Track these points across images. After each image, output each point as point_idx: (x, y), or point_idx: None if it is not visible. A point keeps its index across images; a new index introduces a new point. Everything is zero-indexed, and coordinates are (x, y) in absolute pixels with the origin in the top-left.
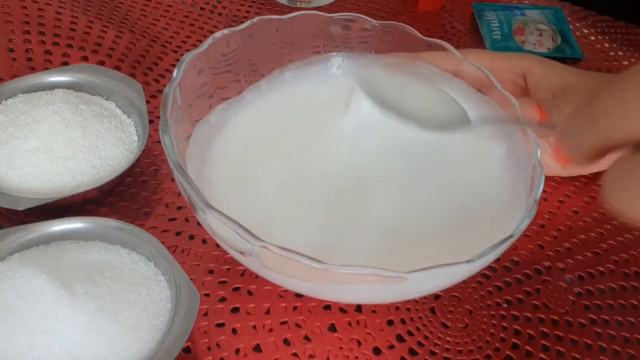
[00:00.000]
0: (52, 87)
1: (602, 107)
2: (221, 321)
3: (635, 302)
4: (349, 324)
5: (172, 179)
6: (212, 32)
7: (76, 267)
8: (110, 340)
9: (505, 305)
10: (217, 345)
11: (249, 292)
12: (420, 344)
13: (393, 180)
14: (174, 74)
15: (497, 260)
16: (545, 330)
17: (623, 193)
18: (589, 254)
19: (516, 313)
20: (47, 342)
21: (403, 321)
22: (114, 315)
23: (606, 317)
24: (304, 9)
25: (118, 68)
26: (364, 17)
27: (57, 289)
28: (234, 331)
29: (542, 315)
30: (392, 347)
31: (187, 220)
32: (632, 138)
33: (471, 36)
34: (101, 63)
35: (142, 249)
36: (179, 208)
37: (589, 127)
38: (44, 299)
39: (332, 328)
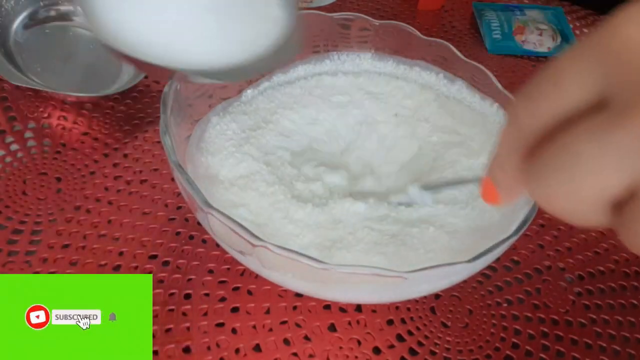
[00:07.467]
0: None
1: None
2: (221, 321)
3: (635, 302)
4: (349, 323)
5: (172, 179)
6: None
7: None
8: None
9: (505, 304)
10: (217, 345)
11: (249, 292)
12: (420, 344)
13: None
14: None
15: (497, 260)
16: (545, 329)
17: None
18: (589, 254)
19: (516, 312)
20: None
21: (403, 321)
22: None
23: (606, 317)
24: (305, 8)
25: None
26: (364, 16)
27: None
28: (234, 331)
29: (542, 315)
30: (392, 346)
31: (187, 220)
32: None
33: (471, 36)
34: None
35: None
36: (179, 208)
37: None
38: None
39: (332, 328)
